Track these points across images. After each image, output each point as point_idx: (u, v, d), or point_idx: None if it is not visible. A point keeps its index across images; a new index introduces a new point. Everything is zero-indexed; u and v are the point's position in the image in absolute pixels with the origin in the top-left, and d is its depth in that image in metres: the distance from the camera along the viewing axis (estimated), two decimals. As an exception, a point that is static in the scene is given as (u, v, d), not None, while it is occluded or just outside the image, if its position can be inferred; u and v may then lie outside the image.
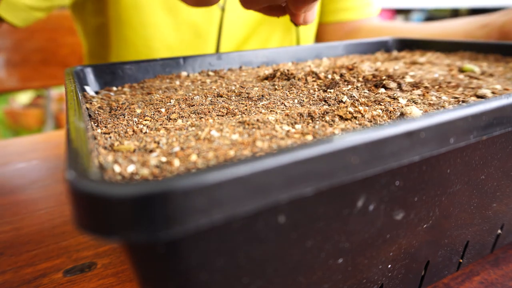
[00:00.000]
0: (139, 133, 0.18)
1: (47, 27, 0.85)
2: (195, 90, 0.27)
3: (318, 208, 0.14)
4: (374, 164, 0.13)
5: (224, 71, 0.34)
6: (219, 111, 0.21)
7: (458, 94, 0.23)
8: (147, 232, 0.10)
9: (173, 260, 0.12)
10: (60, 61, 0.88)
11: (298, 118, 0.19)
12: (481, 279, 0.24)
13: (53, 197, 0.35)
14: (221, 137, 0.16)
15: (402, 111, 0.20)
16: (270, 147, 0.15)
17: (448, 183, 0.19)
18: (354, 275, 0.18)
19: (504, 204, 0.23)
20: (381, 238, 0.17)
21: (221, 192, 0.11)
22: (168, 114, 0.21)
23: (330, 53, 0.42)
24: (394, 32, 0.61)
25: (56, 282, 0.24)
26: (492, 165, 0.20)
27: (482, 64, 0.34)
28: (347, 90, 0.24)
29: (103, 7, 0.55)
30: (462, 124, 0.15)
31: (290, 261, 0.15)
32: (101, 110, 0.23)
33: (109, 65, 0.30)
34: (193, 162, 0.14)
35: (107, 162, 0.14)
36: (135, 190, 0.10)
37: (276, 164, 0.11)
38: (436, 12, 2.44)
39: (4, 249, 0.28)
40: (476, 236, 0.23)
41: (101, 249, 0.27)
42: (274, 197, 0.12)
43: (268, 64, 0.38)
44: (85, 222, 0.10)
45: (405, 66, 0.34)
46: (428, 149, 0.15)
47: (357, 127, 0.18)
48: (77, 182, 0.10)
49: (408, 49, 0.45)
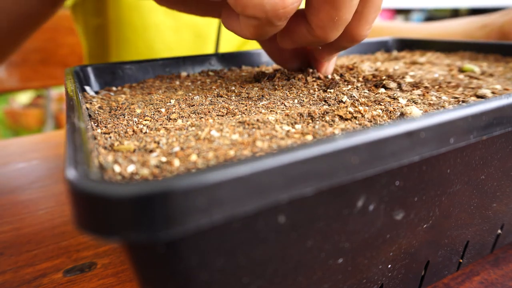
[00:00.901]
0: (139, 133, 0.18)
1: (47, 27, 0.85)
2: (195, 90, 0.27)
3: (318, 208, 0.14)
4: (374, 164, 0.13)
5: (224, 71, 0.34)
6: (219, 111, 0.21)
7: (458, 94, 0.23)
8: (147, 232, 0.10)
9: (173, 260, 0.12)
10: (60, 61, 0.88)
11: (298, 118, 0.19)
12: (481, 279, 0.24)
13: (53, 197, 0.35)
14: (221, 137, 0.16)
15: (402, 111, 0.20)
16: (270, 147, 0.15)
17: (448, 183, 0.19)
18: (354, 275, 0.18)
19: (504, 204, 0.23)
20: (381, 238, 0.17)
21: (221, 192, 0.11)
22: (168, 114, 0.21)
23: (330, 53, 0.42)
24: (394, 32, 0.61)
25: (56, 282, 0.24)
26: (492, 165, 0.20)
27: (482, 64, 0.34)
28: (347, 90, 0.24)
29: (103, 8, 0.55)
30: (462, 124, 0.15)
31: (290, 261, 0.15)
32: (101, 110, 0.23)
33: (109, 65, 0.30)
34: (193, 162, 0.14)
35: (107, 162, 0.14)
36: (135, 190, 0.10)
37: (276, 164, 0.11)
38: (436, 12, 2.44)
39: (4, 249, 0.28)
40: (476, 236, 0.23)
41: (101, 249, 0.27)
42: (274, 197, 0.12)
43: (268, 64, 0.38)
44: (85, 222, 0.10)
45: (405, 66, 0.34)
46: (428, 149, 0.15)
47: (357, 127, 0.18)
48: (77, 182, 0.10)
49: (408, 49, 0.45)
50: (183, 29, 0.55)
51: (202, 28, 0.55)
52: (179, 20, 0.54)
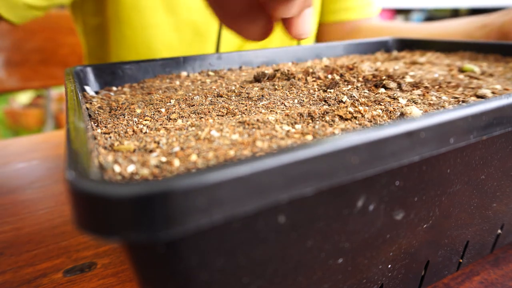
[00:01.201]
0: (139, 133, 0.18)
1: (47, 27, 0.85)
2: (195, 90, 0.27)
3: (318, 208, 0.14)
4: (374, 164, 0.13)
5: (224, 71, 0.34)
6: (219, 111, 0.21)
7: (458, 94, 0.23)
8: (147, 232, 0.10)
9: (173, 260, 0.12)
10: (60, 61, 0.88)
11: (298, 118, 0.19)
12: (481, 279, 0.24)
13: (53, 197, 0.35)
14: (221, 137, 0.16)
15: (402, 111, 0.20)
16: (270, 147, 0.15)
17: (448, 183, 0.19)
18: (354, 275, 0.18)
19: (504, 204, 0.23)
20: (381, 238, 0.17)
21: (221, 192, 0.11)
22: (168, 114, 0.21)
23: (330, 53, 0.42)
24: (394, 32, 0.61)
25: (56, 282, 0.24)
26: (492, 165, 0.20)
27: (482, 64, 0.34)
28: (347, 90, 0.24)
29: (102, 7, 0.55)
30: (462, 124, 0.15)
31: (290, 261, 0.15)
32: (101, 110, 0.23)
33: (109, 65, 0.30)
34: (193, 162, 0.14)
35: (107, 162, 0.14)
36: (135, 190, 0.10)
37: (276, 164, 0.11)
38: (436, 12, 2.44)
39: (4, 249, 0.28)
40: (476, 236, 0.23)
41: (101, 249, 0.27)
42: (274, 197, 0.12)
43: (268, 64, 0.38)
44: (85, 222, 0.10)
45: (405, 66, 0.34)
46: (428, 149, 0.15)
47: (357, 127, 0.18)
48: (77, 182, 0.10)
49: (408, 49, 0.45)
50: (183, 28, 0.55)
51: (202, 27, 0.55)
52: (179, 19, 0.54)
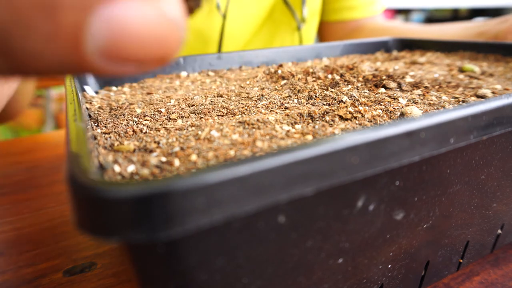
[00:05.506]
0: (139, 133, 0.18)
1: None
2: (195, 90, 0.27)
3: (318, 208, 0.14)
4: (374, 164, 0.13)
5: (224, 71, 0.34)
6: (219, 111, 0.21)
7: (458, 94, 0.23)
8: (147, 232, 0.10)
9: (173, 260, 0.12)
10: (60, 61, 0.88)
11: (298, 118, 0.19)
12: (481, 279, 0.24)
13: (53, 197, 0.35)
14: (221, 137, 0.16)
15: (402, 111, 0.20)
16: (270, 147, 0.15)
17: (448, 183, 0.19)
18: (354, 275, 0.18)
19: (504, 204, 0.23)
20: (381, 238, 0.17)
21: (221, 192, 0.11)
22: (168, 114, 0.21)
23: (330, 53, 0.42)
24: (396, 33, 0.61)
25: (56, 282, 0.24)
26: (492, 165, 0.20)
27: (482, 64, 0.34)
28: (347, 90, 0.24)
29: None
30: (462, 124, 0.15)
31: (290, 261, 0.15)
32: (101, 110, 0.23)
33: (109, 65, 0.30)
34: (193, 162, 0.14)
35: (107, 162, 0.14)
36: (135, 190, 0.10)
37: (276, 164, 0.11)
38: (436, 12, 2.44)
39: (4, 249, 0.28)
40: (476, 236, 0.23)
41: (101, 249, 0.27)
42: (274, 197, 0.11)
43: (268, 64, 0.38)
44: (85, 222, 0.10)
45: (405, 66, 0.34)
46: (428, 149, 0.15)
47: (357, 127, 0.18)
48: (77, 182, 0.10)
49: (408, 49, 0.45)
50: (187, 33, 0.55)
51: (205, 33, 0.55)
52: None
